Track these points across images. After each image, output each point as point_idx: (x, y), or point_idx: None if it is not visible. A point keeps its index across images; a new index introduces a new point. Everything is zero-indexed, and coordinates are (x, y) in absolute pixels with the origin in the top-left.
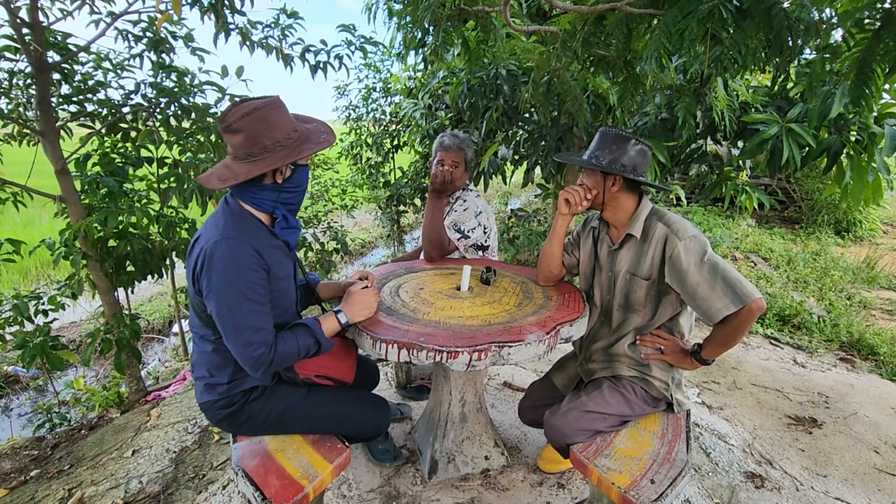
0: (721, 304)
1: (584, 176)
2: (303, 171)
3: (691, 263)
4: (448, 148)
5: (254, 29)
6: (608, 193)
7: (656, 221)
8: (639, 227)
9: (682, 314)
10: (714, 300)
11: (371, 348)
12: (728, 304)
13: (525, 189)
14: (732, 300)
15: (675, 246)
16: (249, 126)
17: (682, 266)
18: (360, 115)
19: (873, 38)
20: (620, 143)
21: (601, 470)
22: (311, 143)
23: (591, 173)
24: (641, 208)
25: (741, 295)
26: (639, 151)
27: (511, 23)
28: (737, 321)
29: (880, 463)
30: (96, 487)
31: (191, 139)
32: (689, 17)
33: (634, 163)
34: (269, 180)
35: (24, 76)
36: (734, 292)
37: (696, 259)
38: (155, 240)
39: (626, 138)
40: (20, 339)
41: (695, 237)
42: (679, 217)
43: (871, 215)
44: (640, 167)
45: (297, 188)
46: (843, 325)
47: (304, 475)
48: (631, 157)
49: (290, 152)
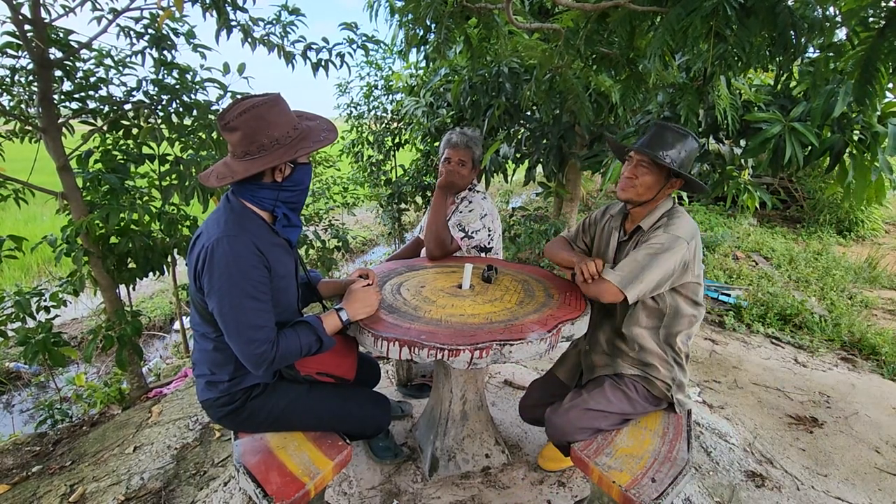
0: (618, 274)
1: (643, 171)
2: (303, 170)
3: (644, 245)
4: (455, 146)
5: (255, 26)
6: (663, 192)
7: (666, 218)
8: (650, 221)
9: (683, 309)
10: (621, 266)
11: (372, 346)
12: (616, 278)
13: (527, 187)
14: (623, 279)
15: (656, 234)
16: (246, 124)
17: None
18: (361, 112)
19: (878, 37)
20: (683, 141)
21: (602, 468)
22: (309, 142)
23: (654, 170)
24: (662, 206)
25: (626, 281)
26: (694, 150)
27: (513, 20)
28: (603, 287)
29: (881, 462)
30: (98, 483)
31: (192, 136)
32: (693, 14)
33: (689, 164)
34: (268, 179)
35: (27, 73)
36: (630, 277)
37: (651, 245)
38: (156, 237)
39: (685, 136)
40: (22, 335)
41: (674, 238)
42: (688, 220)
43: (873, 215)
44: (688, 166)
45: (298, 187)
46: (845, 324)
47: (305, 472)
48: (689, 158)
49: (287, 151)
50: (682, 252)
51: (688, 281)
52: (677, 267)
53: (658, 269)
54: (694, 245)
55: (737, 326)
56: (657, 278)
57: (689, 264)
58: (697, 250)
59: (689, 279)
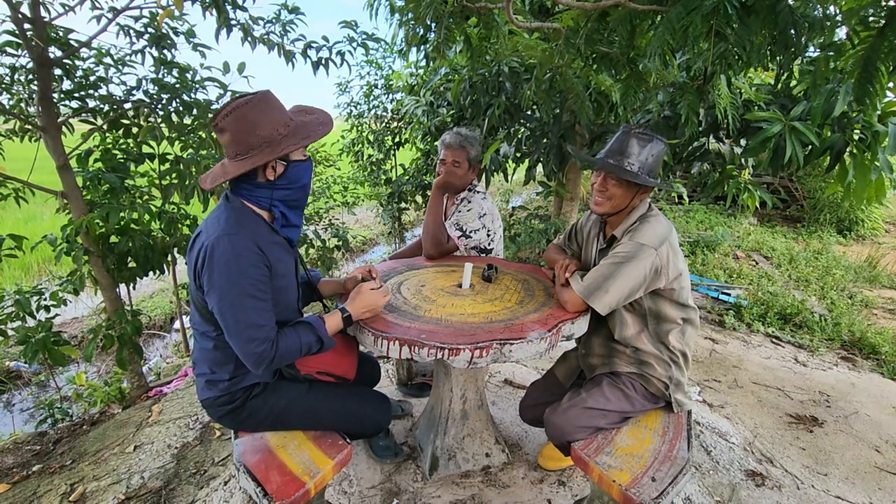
0: (582, 284)
1: (613, 183)
2: (298, 168)
3: (610, 254)
4: (450, 146)
5: (255, 25)
6: (637, 198)
7: (639, 223)
8: (624, 227)
9: (665, 311)
10: (587, 276)
11: (373, 345)
12: (580, 287)
13: (527, 187)
14: (585, 289)
15: (622, 241)
16: (232, 125)
17: (610, 251)
18: (361, 111)
19: (878, 36)
20: (648, 146)
21: (602, 467)
22: (297, 138)
23: (622, 181)
24: (637, 210)
25: (588, 292)
26: (661, 153)
27: (513, 19)
28: (566, 295)
29: (881, 462)
30: (98, 482)
31: (192, 135)
32: (694, 13)
33: (658, 167)
34: (261, 178)
35: (26, 72)
36: (593, 288)
37: (615, 255)
38: (156, 236)
39: (651, 139)
40: (22, 334)
41: (639, 245)
42: (657, 225)
43: (873, 214)
44: (657, 169)
45: (293, 185)
46: (845, 323)
47: (305, 471)
48: (657, 161)
49: (274, 149)
50: (651, 259)
51: (661, 285)
52: (648, 273)
53: (623, 279)
54: (665, 250)
55: (737, 326)
56: (626, 288)
57: (661, 269)
58: (672, 253)
59: (662, 284)
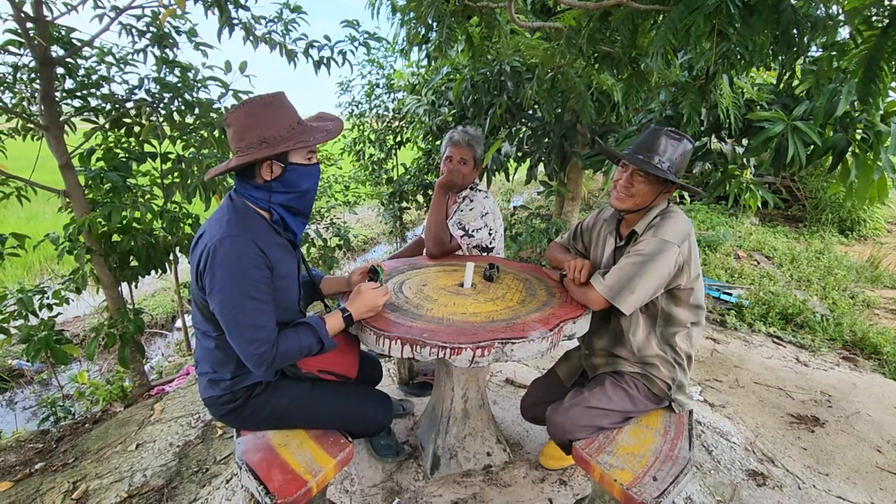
0: (605, 283)
1: (640, 180)
2: (297, 172)
3: (633, 252)
4: (457, 144)
5: (257, 24)
6: (660, 197)
7: (659, 219)
8: (644, 223)
9: (677, 313)
10: (610, 275)
11: (374, 344)
12: (604, 288)
13: (528, 186)
14: (610, 289)
15: (644, 237)
16: (238, 121)
17: (631, 248)
18: (363, 111)
19: (881, 36)
20: (678, 145)
21: (603, 467)
22: (293, 141)
23: (650, 178)
24: (657, 206)
25: (613, 292)
26: (689, 153)
27: (515, 19)
28: (590, 295)
29: (882, 462)
30: (100, 480)
31: (194, 135)
32: (696, 12)
33: (684, 167)
34: (259, 178)
35: (28, 70)
36: (618, 288)
37: (639, 253)
38: (158, 235)
39: (681, 139)
40: (25, 332)
41: (663, 242)
42: (679, 220)
43: (875, 214)
44: (683, 169)
45: (292, 190)
46: (847, 323)
47: (307, 470)
48: (684, 161)
49: (271, 148)
50: (675, 255)
51: (682, 283)
52: (672, 271)
53: (649, 278)
54: (688, 246)
55: (738, 325)
56: (651, 287)
57: (684, 266)
58: (693, 251)
59: (683, 282)
